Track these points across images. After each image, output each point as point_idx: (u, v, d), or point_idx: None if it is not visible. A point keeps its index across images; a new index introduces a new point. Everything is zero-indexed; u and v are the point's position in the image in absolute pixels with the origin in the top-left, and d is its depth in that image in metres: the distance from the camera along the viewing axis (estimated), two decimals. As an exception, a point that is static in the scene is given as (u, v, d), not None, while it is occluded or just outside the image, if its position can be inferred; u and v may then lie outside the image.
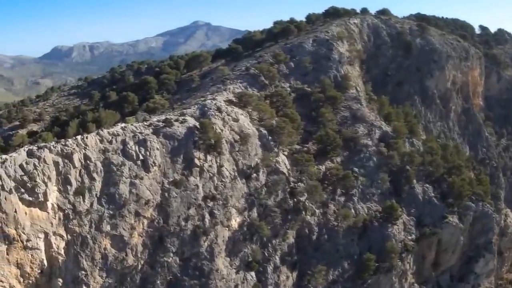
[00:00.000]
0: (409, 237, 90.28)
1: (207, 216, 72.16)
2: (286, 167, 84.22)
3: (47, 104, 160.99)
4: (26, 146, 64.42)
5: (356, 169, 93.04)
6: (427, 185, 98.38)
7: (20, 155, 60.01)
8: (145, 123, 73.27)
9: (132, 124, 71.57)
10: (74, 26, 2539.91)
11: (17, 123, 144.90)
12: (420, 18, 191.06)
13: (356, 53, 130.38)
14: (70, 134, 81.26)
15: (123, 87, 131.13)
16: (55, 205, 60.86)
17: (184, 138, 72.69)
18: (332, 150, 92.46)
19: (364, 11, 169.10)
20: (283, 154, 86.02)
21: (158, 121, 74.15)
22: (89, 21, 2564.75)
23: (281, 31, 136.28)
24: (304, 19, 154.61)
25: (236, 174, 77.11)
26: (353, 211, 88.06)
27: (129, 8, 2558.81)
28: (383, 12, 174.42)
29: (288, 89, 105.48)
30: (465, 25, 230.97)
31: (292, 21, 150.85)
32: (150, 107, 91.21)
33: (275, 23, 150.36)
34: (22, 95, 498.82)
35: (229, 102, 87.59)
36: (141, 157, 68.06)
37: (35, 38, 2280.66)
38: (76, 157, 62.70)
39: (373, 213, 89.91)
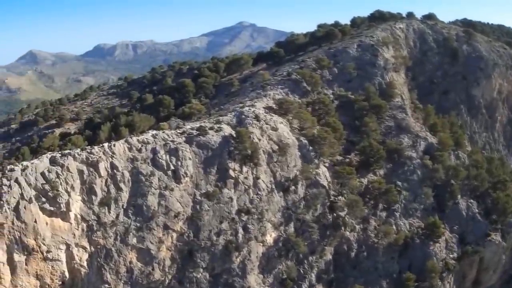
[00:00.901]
0: (451, 255, 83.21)
1: (240, 230, 66.14)
2: (326, 179, 77.36)
3: (85, 103, 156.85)
4: (49, 152, 59.13)
5: (399, 183, 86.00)
6: (471, 201, 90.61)
7: (42, 163, 55.12)
8: (178, 131, 67.63)
9: (163, 132, 65.94)
10: (117, 24, 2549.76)
11: (53, 122, 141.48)
12: (466, 24, 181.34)
13: (402, 59, 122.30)
14: (101, 138, 76.35)
15: (161, 89, 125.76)
16: (78, 216, 56.26)
17: (219, 148, 66.81)
18: (375, 162, 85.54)
19: (410, 15, 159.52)
20: (324, 165, 79.16)
21: (192, 128, 68.36)
22: (133, 20, 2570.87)
23: (325, 35, 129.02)
24: (348, 23, 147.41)
25: (273, 186, 70.67)
26: (394, 227, 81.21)
27: (173, 8, 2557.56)
28: (429, 16, 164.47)
29: (331, 96, 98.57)
30: (511, 32, 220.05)
31: (336, 24, 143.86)
32: (185, 112, 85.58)
33: (319, 26, 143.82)
34: (62, 93, 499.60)
35: (269, 109, 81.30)
36: (172, 167, 62.51)
37: (77, 36, 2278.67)
38: (102, 165, 57.70)
39: (415, 230, 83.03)
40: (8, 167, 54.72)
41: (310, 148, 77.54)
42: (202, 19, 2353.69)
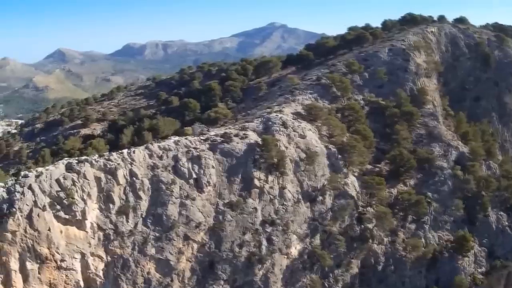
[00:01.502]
0: (479, 270, 79.58)
1: (264, 242, 61.90)
2: (355, 189, 72.75)
3: (112, 103, 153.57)
4: (65, 159, 55.37)
5: (429, 194, 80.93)
6: (501, 213, 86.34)
7: (57, 169, 51.69)
8: (201, 137, 63.59)
9: (186, 138, 61.86)
10: (147, 24, 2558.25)
11: (79, 122, 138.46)
12: (497, 28, 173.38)
13: (434, 64, 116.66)
14: (123, 142, 72.79)
15: (188, 91, 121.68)
16: (95, 224, 52.97)
17: (244, 156, 62.65)
18: (405, 172, 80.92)
19: (441, 18, 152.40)
20: (353, 175, 74.42)
21: (216, 135, 64.34)
22: (163, 20, 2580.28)
23: (356, 38, 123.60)
24: (379, 26, 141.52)
25: (300, 196, 66.15)
26: (423, 240, 76.64)
27: (204, 8, 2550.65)
28: (461, 20, 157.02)
29: (362, 102, 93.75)
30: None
31: (367, 27, 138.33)
32: (211, 116, 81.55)
33: (350, 29, 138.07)
34: (90, 92, 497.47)
35: (297, 115, 76.86)
36: (194, 176, 58.66)
37: (106, 35, 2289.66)
38: (121, 173, 54.07)
39: (443, 243, 78.52)
40: (22, 173, 51.37)
41: (339, 156, 72.91)
42: (233, 20, 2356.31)
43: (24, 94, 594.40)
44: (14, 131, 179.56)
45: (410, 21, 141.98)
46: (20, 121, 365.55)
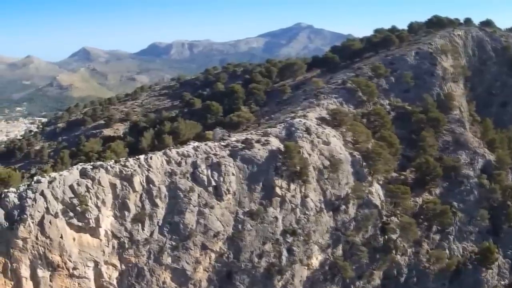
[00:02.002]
0: (502, 282, 75.56)
1: (284, 253, 58.26)
2: (379, 198, 68.89)
3: (135, 103, 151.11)
4: (80, 164, 52.30)
5: (455, 203, 77.01)
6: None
7: (71, 175, 48.65)
8: (222, 143, 59.97)
9: (205, 144, 58.40)
10: (173, 23, 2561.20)
11: (102, 122, 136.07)
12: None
13: (461, 69, 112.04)
14: (143, 145, 69.91)
15: (211, 93, 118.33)
16: (109, 232, 49.85)
17: (265, 163, 58.92)
18: (431, 180, 77.26)
19: (468, 21, 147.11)
20: (377, 183, 70.55)
21: (237, 141, 60.73)
22: (189, 19, 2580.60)
23: (382, 41, 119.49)
24: (406, 28, 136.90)
25: (323, 206, 62.33)
26: (447, 251, 72.95)
27: (231, 8, 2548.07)
28: (487, 23, 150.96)
29: (387, 106, 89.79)
30: None
31: (393, 29, 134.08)
32: (233, 120, 78.28)
33: (376, 31, 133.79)
34: (115, 91, 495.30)
35: (321, 120, 73.17)
36: (213, 183, 55.20)
37: (131, 34, 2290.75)
38: (137, 179, 50.86)
39: (468, 255, 74.66)
40: (35, 178, 48.48)
41: (364, 163, 69.07)
42: (259, 20, 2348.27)
43: (48, 92, 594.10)
44: (35, 130, 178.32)
45: (436, 23, 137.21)
46: (43, 120, 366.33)
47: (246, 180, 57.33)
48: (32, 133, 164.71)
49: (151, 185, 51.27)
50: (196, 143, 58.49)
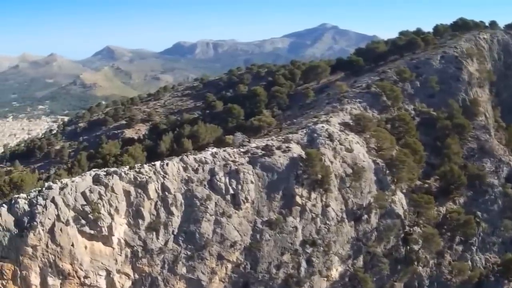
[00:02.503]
0: (524, 295, 71.07)
1: (303, 264, 54.99)
2: (402, 207, 65.27)
3: (158, 104, 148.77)
4: (93, 170, 49.60)
5: (479, 213, 73.16)
6: (549, 234, 77.21)
7: (84, 181, 45.98)
8: (241, 149, 56.68)
9: (224, 150, 55.22)
10: (197, 23, 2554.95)
11: (123, 122, 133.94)
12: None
13: (486, 73, 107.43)
14: (162, 149, 67.26)
15: (233, 96, 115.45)
16: (122, 241, 47.09)
17: (286, 171, 55.44)
18: (455, 189, 73.19)
19: (493, 24, 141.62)
20: (401, 191, 66.97)
21: (257, 147, 57.33)
22: (214, 19, 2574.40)
23: (407, 44, 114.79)
24: (431, 30, 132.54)
25: (344, 215, 58.87)
26: (469, 262, 69.14)
27: (256, 8, 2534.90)
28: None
29: (412, 112, 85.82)
30: None
31: (418, 32, 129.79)
32: (254, 124, 74.74)
33: (401, 33, 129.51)
34: (139, 90, 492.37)
35: (345, 125, 69.70)
36: (231, 191, 52.03)
37: (156, 33, 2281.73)
38: (152, 187, 47.95)
39: (490, 266, 70.99)
40: (46, 184, 45.92)
41: (387, 171, 65.54)
42: (284, 20, 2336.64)
43: (71, 91, 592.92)
44: (56, 129, 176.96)
45: (462, 26, 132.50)
46: (66, 118, 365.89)
47: (265, 188, 54.06)
48: (53, 132, 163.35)
49: (166, 193, 48.41)
50: (215, 149, 55.40)
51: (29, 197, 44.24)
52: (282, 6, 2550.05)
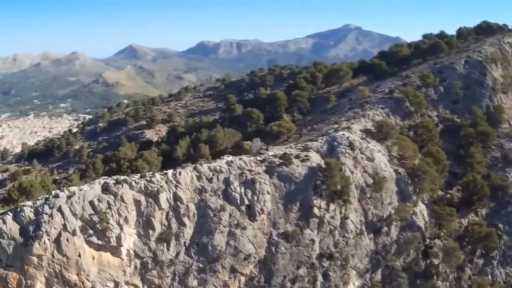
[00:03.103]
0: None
1: (319, 278, 51.50)
2: (423, 219, 61.37)
3: (179, 104, 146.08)
4: (102, 177, 46.64)
5: (501, 226, 68.72)
6: None
7: (92, 189, 43.03)
8: (258, 158, 53.16)
9: (240, 159, 51.79)
10: (221, 22, 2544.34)
11: (143, 122, 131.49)
12: None
13: (510, 79, 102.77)
14: (178, 154, 64.41)
15: (253, 99, 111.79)
16: (131, 251, 44.13)
17: (304, 181, 51.85)
18: (478, 200, 68.88)
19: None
20: (422, 202, 63.16)
21: (275, 156, 53.70)
22: (237, 19, 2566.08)
23: (430, 47, 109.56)
24: (454, 33, 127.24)
25: (363, 227, 55.17)
26: (490, 277, 64.99)
27: (279, 8, 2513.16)
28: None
29: (436, 118, 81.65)
30: None
31: (442, 35, 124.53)
32: (274, 130, 70.74)
33: (424, 36, 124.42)
34: (162, 89, 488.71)
35: (366, 132, 65.90)
36: (246, 202, 48.69)
37: (179, 32, 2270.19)
38: (164, 196, 44.87)
39: (510, 281, 66.70)
40: (53, 192, 43.20)
41: (409, 181, 61.89)
42: (308, 20, 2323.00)
43: (93, 89, 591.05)
44: (75, 129, 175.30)
45: (485, 30, 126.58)
46: (87, 116, 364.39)
47: (282, 199, 50.56)
48: (72, 132, 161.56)
49: (178, 203, 45.35)
50: (230, 157, 51.99)
51: (35, 205, 41.57)
52: (306, 6, 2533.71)
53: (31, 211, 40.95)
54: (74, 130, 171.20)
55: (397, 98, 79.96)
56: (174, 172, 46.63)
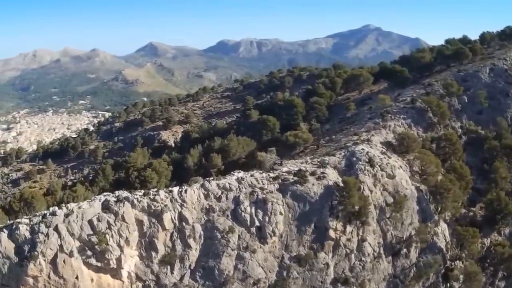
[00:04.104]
0: None
1: (333, 304, 47.23)
2: (445, 239, 56.78)
3: (196, 105, 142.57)
4: (103, 194, 42.81)
5: (523, 246, 64.11)
6: None
7: (91, 207, 39.39)
8: (271, 174, 48.67)
9: (252, 175, 47.43)
10: (242, 21, 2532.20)
11: (160, 123, 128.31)
12: None
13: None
14: (189, 164, 60.73)
15: (269, 104, 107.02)
16: (133, 274, 40.41)
17: (319, 201, 47.23)
18: (501, 219, 63.75)
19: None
20: (444, 221, 58.71)
21: (289, 172, 49.07)
22: (257, 18, 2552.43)
23: (454, 54, 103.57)
24: (477, 38, 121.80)
25: (382, 250, 50.60)
26: (510, 301, 59.95)
27: (300, 8, 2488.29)
28: None
29: (459, 130, 76.96)
30: None
31: (465, 40, 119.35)
32: (290, 141, 65.53)
33: (447, 42, 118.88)
34: (182, 87, 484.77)
35: (387, 145, 61.53)
36: (257, 223, 44.41)
37: (200, 30, 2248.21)
38: (168, 216, 40.98)
39: (530, 304, 61.71)
40: (50, 209, 39.78)
41: (431, 198, 57.50)
42: (328, 20, 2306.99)
43: (112, 86, 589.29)
44: (92, 128, 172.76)
45: (510, 35, 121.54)
46: (107, 114, 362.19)
47: (295, 221, 46.12)
48: (88, 132, 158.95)
49: (184, 223, 41.42)
50: (241, 174, 47.57)
51: (31, 223, 38.07)
52: (326, 6, 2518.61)
53: (26, 229, 37.51)
54: (91, 129, 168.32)
55: (420, 108, 75.02)
56: (180, 190, 42.61)
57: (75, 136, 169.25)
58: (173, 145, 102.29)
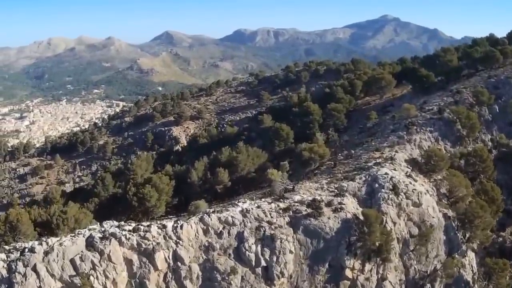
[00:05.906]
0: None
1: None
2: (472, 271, 50.66)
3: (209, 100, 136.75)
4: (88, 228, 37.20)
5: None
6: None
7: (74, 245, 33.86)
8: (280, 205, 42.40)
9: (258, 207, 41.12)
10: (259, 10, 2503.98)
11: (171, 118, 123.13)
12: None
13: None
14: (193, 179, 55.11)
15: (283, 108, 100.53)
16: (120, 319, 34.28)
17: (335, 237, 40.93)
18: (531, 245, 57.69)
19: None
20: (472, 251, 52.59)
21: (302, 202, 42.80)
22: (275, 7, 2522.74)
23: (484, 58, 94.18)
24: (504, 35, 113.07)
25: (403, 287, 45.12)
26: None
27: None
28: None
29: (489, 143, 70.07)
30: None
31: (491, 38, 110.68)
32: (304, 156, 58.25)
33: (474, 42, 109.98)
34: (198, 77, 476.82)
35: (412, 163, 55.17)
36: (263, 263, 38.40)
37: (216, 19, 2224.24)
38: (161, 255, 35.39)
39: None
40: (30, 243, 34.52)
41: (459, 224, 51.33)
42: (346, 10, 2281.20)
43: (127, 75, 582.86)
44: (104, 120, 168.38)
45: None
46: (121, 103, 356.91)
47: (308, 259, 39.99)
48: (97, 126, 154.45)
49: (179, 263, 35.62)
50: (246, 204, 41.30)
51: (8, 259, 32.92)
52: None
53: (3, 266, 32.29)
54: (103, 120, 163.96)
55: (448, 120, 67.61)
56: (175, 225, 36.65)
57: (84, 130, 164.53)
58: (180, 148, 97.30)
